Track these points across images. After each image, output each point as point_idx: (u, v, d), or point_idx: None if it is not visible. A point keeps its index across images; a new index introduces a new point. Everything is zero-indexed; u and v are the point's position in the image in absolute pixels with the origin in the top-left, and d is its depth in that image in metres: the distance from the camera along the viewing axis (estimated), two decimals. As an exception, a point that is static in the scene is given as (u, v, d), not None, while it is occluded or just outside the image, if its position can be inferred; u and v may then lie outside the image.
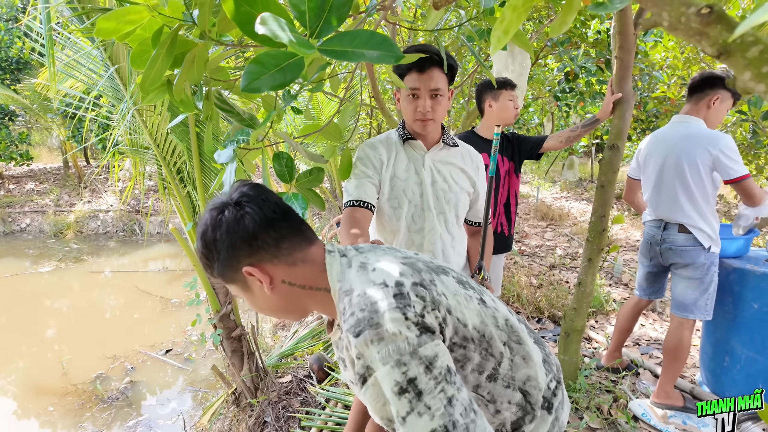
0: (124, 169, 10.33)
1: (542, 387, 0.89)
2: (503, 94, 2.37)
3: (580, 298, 2.37)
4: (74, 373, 3.77)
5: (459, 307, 0.81)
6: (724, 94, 2.15)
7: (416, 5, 2.27)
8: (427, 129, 1.48)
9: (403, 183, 1.51)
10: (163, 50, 0.71)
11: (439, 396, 0.69)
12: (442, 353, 0.72)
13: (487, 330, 0.83)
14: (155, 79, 0.75)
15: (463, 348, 0.80)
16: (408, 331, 0.70)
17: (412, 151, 1.54)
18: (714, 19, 0.52)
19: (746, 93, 0.51)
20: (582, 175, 11.54)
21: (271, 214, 0.82)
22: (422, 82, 1.40)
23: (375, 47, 0.67)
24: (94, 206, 9.27)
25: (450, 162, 1.57)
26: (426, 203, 1.52)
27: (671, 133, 2.24)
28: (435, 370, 0.70)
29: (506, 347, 0.86)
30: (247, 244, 0.79)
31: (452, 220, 1.56)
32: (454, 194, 1.54)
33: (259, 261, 0.81)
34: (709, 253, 2.18)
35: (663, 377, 2.33)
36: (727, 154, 2.05)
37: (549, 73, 6.39)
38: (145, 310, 5.09)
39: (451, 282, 0.85)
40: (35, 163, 11.64)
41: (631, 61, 1.94)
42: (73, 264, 6.90)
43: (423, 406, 0.68)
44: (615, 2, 0.55)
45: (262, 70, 0.64)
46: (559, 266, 5.03)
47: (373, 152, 1.51)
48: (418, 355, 0.69)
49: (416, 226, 1.54)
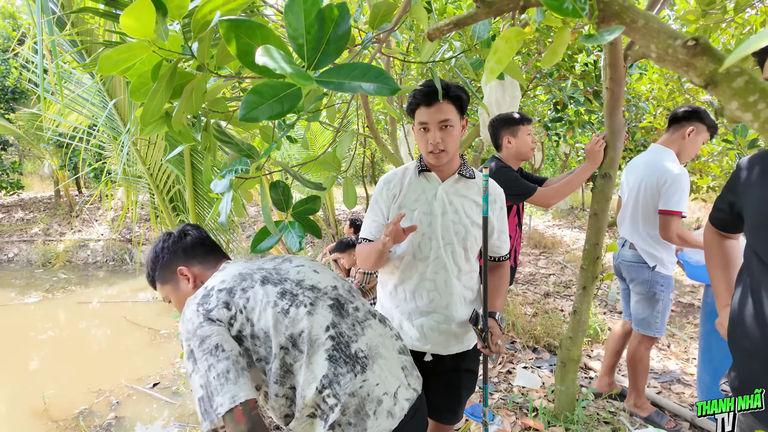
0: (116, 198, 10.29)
1: (307, 396, 1.05)
2: (521, 130, 2.40)
3: (575, 326, 2.35)
4: (56, 409, 3.63)
5: (255, 311, 1.07)
6: (700, 127, 2.30)
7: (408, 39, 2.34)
8: (440, 161, 1.51)
9: (410, 212, 1.54)
10: (163, 83, 0.72)
11: (203, 363, 0.98)
12: (215, 335, 1.00)
13: (270, 332, 1.05)
14: (155, 111, 0.75)
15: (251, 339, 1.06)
16: (195, 318, 1.02)
17: (427, 182, 1.57)
18: (700, 51, 0.54)
19: (734, 121, 0.52)
20: (573, 203, 11.66)
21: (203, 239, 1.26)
22: (430, 115, 1.45)
23: (371, 80, 0.68)
24: (85, 235, 9.17)
25: (464, 194, 1.57)
26: (434, 233, 1.52)
27: (642, 159, 2.44)
28: (204, 345, 0.99)
29: (281, 351, 1.06)
30: (184, 253, 1.22)
31: (460, 252, 1.54)
32: (463, 227, 1.53)
33: (189, 265, 1.21)
34: (654, 272, 2.38)
35: (629, 389, 2.60)
36: (670, 187, 2.22)
37: (539, 103, 6.54)
38: (132, 342, 4.96)
39: (271, 292, 1.11)
40: (26, 192, 11.56)
41: (622, 92, 1.99)
42: (60, 294, 6.76)
43: (196, 368, 0.98)
44: (604, 34, 0.57)
45: (260, 100, 0.64)
46: (554, 294, 5.01)
47: (386, 187, 1.58)
48: (196, 334, 1.00)
49: (422, 254, 1.54)
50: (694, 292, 5.01)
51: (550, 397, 2.78)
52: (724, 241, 1.46)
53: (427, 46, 1.03)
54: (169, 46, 0.71)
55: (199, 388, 0.97)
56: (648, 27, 0.58)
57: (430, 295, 1.55)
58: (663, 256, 2.36)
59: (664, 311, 2.39)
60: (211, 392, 0.95)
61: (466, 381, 1.66)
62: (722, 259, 1.45)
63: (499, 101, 3.15)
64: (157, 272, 1.21)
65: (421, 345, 1.57)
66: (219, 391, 0.95)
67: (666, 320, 2.42)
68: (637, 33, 0.60)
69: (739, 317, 1.19)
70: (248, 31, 0.67)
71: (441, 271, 1.53)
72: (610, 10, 0.60)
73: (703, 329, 2.39)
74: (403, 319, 1.59)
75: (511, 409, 2.65)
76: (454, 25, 0.70)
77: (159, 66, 0.73)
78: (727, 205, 1.34)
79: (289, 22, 0.68)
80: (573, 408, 2.44)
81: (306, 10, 0.68)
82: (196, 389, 0.97)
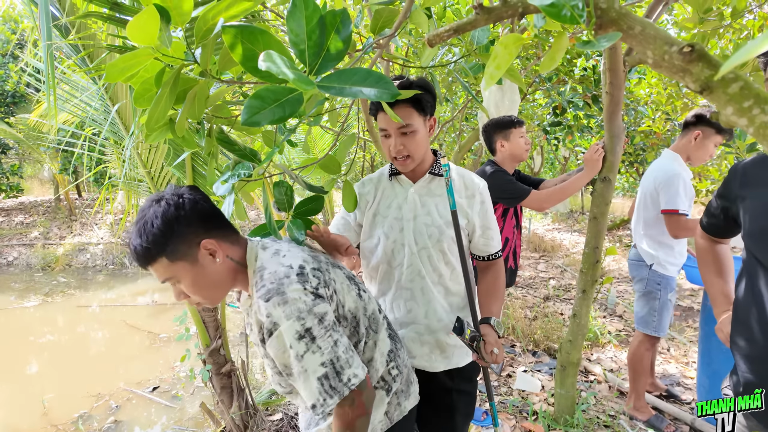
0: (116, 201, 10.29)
1: (380, 370, 1.17)
2: (513, 132, 2.42)
3: (575, 330, 2.35)
4: (55, 413, 3.62)
5: (342, 292, 1.09)
6: (707, 131, 2.33)
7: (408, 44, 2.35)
8: (407, 167, 1.41)
9: (383, 219, 1.46)
10: (167, 90, 0.73)
11: (328, 340, 0.97)
12: (330, 312, 1.00)
13: (357, 314, 1.12)
14: (160, 117, 0.76)
15: (341, 320, 1.08)
16: (305, 297, 0.97)
17: (399, 186, 1.49)
18: (696, 57, 0.55)
19: (729, 126, 0.53)
20: (573, 207, 11.67)
21: (214, 206, 1.05)
22: (389, 121, 1.34)
23: (372, 85, 0.69)
24: (84, 239, 9.16)
25: (438, 194, 1.46)
26: (405, 238, 1.43)
27: (652, 164, 2.51)
28: (325, 322, 0.98)
29: (366, 331, 1.14)
30: (203, 222, 1.01)
31: (437, 255, 1.43)
32: (437, 228, 1.42)
33: (212, 237, 1.02)
34: (651, 271, 2.44)
35: (630, 391, 2.61)
36: (663, 187, 2.29)
37: (538, 108, 6.56)
38: (132, 346, 4.95)
39: (341, 275, 1.13)
40: (26, 195, 11.56)
41: (621, 97, 2.00)
42: (60, 298, 6.75)
43: (316, 347, 0.95)
44: (601, 41, 0.58)
45: (262, 105, 0.65)
46: (553, 298, 5.01)
47: (360, 192, 1.51)
48: (313, 312, 0.96)
49: (396, 262, 1.45)
50: (693, 295, 5.01)
51: (550, 400, 2.78)
52: (716, 246, 1.46)
53: (427, 51, 1.04)
54: (172, 53, 0.72)
55: (320, 366, 0.96)
56: (644, 33, 0.59)
57: (407, 304, 1.45)
58: (660, 255, 2.41)
59: (661, 310, 2.43)
60: (341, 366, 0.97)
61: (459, 404, 1.49)
62: (716, 266, 1.45)
63: (498, 105, 3.17)
64: (169, 247, 0.96)
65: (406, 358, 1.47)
66: (350, 363, 0.98)
67: (666, 321, 2.44)
68: (634, 39, 0.61)
69: (741, 322, 1.19)
70: (251, 37, 0.68)
71: (417, 279, 1.43)
72: (607, 17, 0.61)
73: (703, 332, 2.39)
74: None
75: (510, 413, 2.65)
76: (454, 31, 0.71)
77: (162, 72, 0.74)
78: (721, 210, 1.34)
79: (291, 28, 0.69)
80: (573, 411, 2.44)
81: (307, 17, 0.69)
82: (315, 369, 0.96)
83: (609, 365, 3.31)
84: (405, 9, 0.89)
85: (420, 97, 1.32)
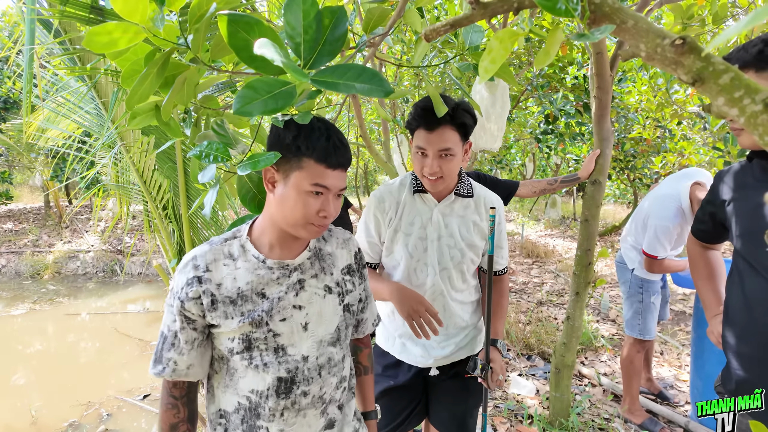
0: (107, 208, 10.20)
1: None
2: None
3: (569, 332, 2.36)
4: (44, 422, 3.55)
5: None
6: None
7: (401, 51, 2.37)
8: (437, 187, 1.40)
9: (406, 237, 1.45)
10: (154, 69, 0.72)
11: None
12: None
13: None
14: (143, 96, 0.75)
15: None
16: None
17: (423, 203, 1.47)
18: (687, 49, 0.55)
19: (720, 117, 0.54)
20: (565, 213, 11.74)
21: None
22: (429, 141, 1.31)
23: (365, 81, 0.69)
24: (74, 246, 9.06)
25: (461, 215, 1.47)
26: (429, 259, 1.44)
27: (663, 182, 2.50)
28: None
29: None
30: None
31: (456, 275, 1.47)
32: (459, 251, 1.45)
33: None
34: (633, 274, 2.49)
35: (624, 394, 2.63)
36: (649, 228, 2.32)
37: (530, 116, 6.61)
38: (122, 354, 4.88)
39: None
40: (15, 202, 11.43)
41: (609, 101, 2.03)
42: (48, 306, 6.65)
43: None
44: (595, 33, 0.59)
45: (254, 95, 0.65)
46: (547, 303, 5.02)
47: (378, 208, 1.48)
48: None
49: (418, 281, 1.46)
50: (685, 299, 5.04)
51: (545, 404, 2.78)
52: (707, 252, 1.48)
53: (419, 48, 1.04)
54: (164, 35, 0.71)
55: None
56: (637, 27, 0.60)
57: None
58: (641, 260, 2.45)
59: (645, 313, 2.45)
60: None
61: (471, 384, 1.56)
62: (707, 270, 1.47)
63: (488, 112, 3.19)
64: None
65: (424, 361, 1.52)
66: None
67: (651, 323, 2.47)
68: (627, 33, 0.62)
69: (733, 321, 1.21)
70: (246, 26, 0.68)
71: (438, 298, 1.47)
72: (601, 11, 0.62)
73: (695, 336, 2.41)
74: (405, 339, 1.54)
75: (506, 417, 2.64)
76: (451, 26, 0.72)
77: (153, 54, 0.74)
78: (708, 216, 1.36)
79: (288, 21, 0.69)
80: (568, 415, 2.43)
81: (305, 11, 0.69)
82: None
83: (603, 369, 3.31)
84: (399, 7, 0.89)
85: (465, 122, 1.32)
